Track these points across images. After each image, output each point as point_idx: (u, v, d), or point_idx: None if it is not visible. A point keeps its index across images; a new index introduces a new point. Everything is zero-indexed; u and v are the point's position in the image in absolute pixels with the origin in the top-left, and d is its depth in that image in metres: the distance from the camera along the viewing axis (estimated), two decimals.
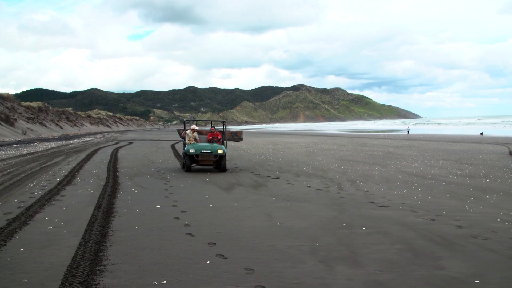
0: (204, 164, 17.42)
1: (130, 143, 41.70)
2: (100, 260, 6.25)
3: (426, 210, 9.95)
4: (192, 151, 17.07)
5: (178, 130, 21.04)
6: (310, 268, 6.05)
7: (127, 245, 7.04)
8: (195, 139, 18.56)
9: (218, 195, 11.84)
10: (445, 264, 6.26)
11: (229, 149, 29.10)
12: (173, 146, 35.14)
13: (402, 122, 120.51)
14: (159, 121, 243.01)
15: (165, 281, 5.47)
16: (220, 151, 17.14)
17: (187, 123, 19.81)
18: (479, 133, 59.34)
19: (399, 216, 9.38)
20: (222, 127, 19.92)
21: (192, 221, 8.74)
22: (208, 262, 6.24)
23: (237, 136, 21.07)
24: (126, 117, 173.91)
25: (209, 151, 17.10)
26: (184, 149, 18.02)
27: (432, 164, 20.35)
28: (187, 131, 18.74)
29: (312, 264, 6.22)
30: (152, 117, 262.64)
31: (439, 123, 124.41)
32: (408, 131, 70.64)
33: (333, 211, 9.80)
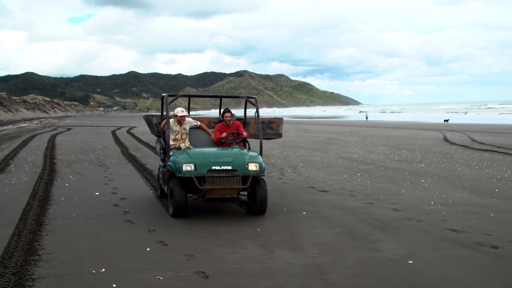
0: (218, 197, 7.90)
1: (69, 129, 40.43)
2: (35, 249, 6.04)
3: (365, 194, 10.22)
4: (188, 168, 7.69)
5: (149, 118, 10.60)
6: (250, 253, 6.09)
7: (64, 234, 6.85)
8: (184, 136, 9.06)
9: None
10: (381, 246, 6.47)
11: None
12: (113, 132, 34.35)
13: (360, 111, 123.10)
14: (99, 107, 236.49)
15: (103, 269, 5.35)
16: (253, 167, 7.99)
17: (170, 100, 8.98)
18: (443, 121, 59.70)
19: (338, 200, 9.60)
20: (243, 115, 10.26)
21: (132, 208, 8.60)
22: (148, 249, 6.16)
23: (271, 129, 10.71)
24: (64, 102, 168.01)
25: (229, 167, 7.83)
26: (163, 161, 9.09)
27: (371, 150, 20.92)
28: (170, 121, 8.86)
29: (253, 249, 6.27)
30: (92, 103, 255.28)
31: (392, 111, 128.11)
32: (366, 118, 72.39)
33: (274, 196, 9.90)
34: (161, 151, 9.35)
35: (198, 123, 9.38)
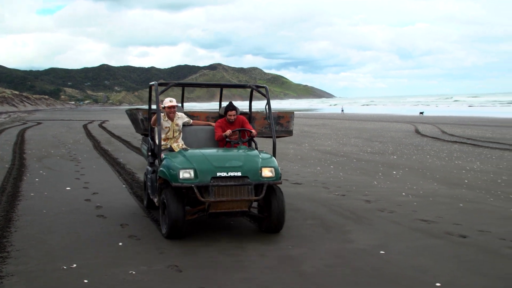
0: (224, 212, 6.35)
1: (39, 123, 39.63)
2: (3, 246, 5.91)
3: (338, 186, 10.31)
4: (187, 175, 6.16)
5: (133, 113, 9.08)
6: (224, 246, 6.09)
7: (33, 230, 6.71)
8: (177, 134, 7.60)
9: (131, 176, 11.56)
10: (353, 237, 6.54)
11: None
12: (85, 126, 33.86)
13: (335, 104, 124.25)
14: (70, 101, 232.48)
15: (75, 265, 5.27)
16: (267, 172, 6.50)
17: (161, 90, 7.41)
18: (419, 113, 60.41)
19: (311, 192, 9.66)
20: (248, 110, 8.93)
21: (104, 203, 8.49)
22: (120, 243, 6.10)
23: (280, 126, 9.40)
24: (34, 96, 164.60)
25: (238, 173, 6.31)
26: (152, 165, 7.83)
27: (344, 142, 21.11)
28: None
29: (226, 242, 6.26)
30: (63, 96, 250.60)
31: (366, 104, 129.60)
32: (342, 110, 73.18)
33: None
34: (149, 153, 7.96)
35: (190, 120, 7.94)
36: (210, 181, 6.11)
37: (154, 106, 7.24)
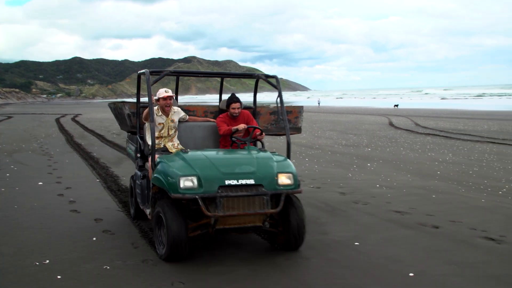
0: (234, 228, 5.31)
1: (9, 117, 38.85)
2: None
3: (313, 179, 10.38)
4: (189, 184, 5.07)
5: (118, 107, 7.38)
6: (200, 239, 6.07)
7: (5, 226, 6.59)
8: (172, 132, 6.62)
9: (105, 170, 11.42)
10: (328, 229, 6.59)
11: None
12: (57, 120, 33.31)
13: (308, 97, 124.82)
14: (42, 94, 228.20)
15: (47, 261, 5.19)
16: (285, 179, 5.47)
17: (154, 79, 6.10)
18: (393, 106, 61.00)
19: None
20: (253, 104, 7.71)
21: (78, 198, 8.37)
22: (94, 238, 6.03)
23: (288, 121, 7.93)
24: (4, 89, 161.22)
25: (251, 180, 5.25)
26: (141, 169, 6.72)
27: (319, 135, 21.24)
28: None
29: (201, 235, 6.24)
30: (34, 90, 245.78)
31: (341, 97, 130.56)
32: (319, 103, 73.74)
33: None
34: (138, 155, 6.78)
35: (187, 116, 6.91)
36: (217, 191, 5.06)
37: (144, 99, 6.35)
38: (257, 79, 7.14)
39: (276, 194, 5.28)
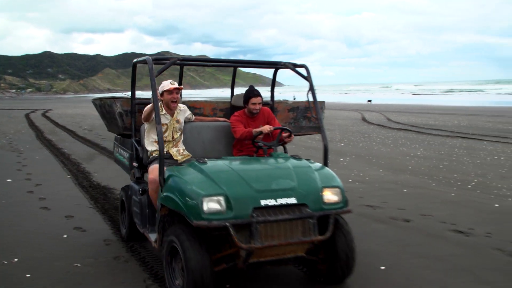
0: (271, 260, 4.03)
1: None
2: None
3: None
4: (215, 207, 3.80)
5: (106, 104, 5.96)
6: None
7: None
8: (178, 136, 5.41)
9: (77, 166, 11.25)
10: None
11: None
12: (27, 116, 32.64)
13: (280, 93, 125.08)
14: (11, 89, 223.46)
15: (16, 259, 5.09)
16: (331, 196, 4.40)
17: (159, 69, 4.75)
18: (366, 101, 61.51)
19: None
20: (270, 99, 6.63)
21: (48, 194, 8.23)
22: (65, 236, 5.94)
23: (307, 120, 7.01)
24: None
25: (291, 198, 4.03)
26: (139, 181, 5.50)
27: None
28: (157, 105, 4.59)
29: None
30: (3, 85, 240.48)
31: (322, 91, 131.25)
32: (294, 98, 73.60)
33: None
34: (135, 164, 5.54)
35: (192, 116, 5.74)
36: (252, 215, 3.84)
37: (142, 93, 5.27)
38: (276, 69, 6.05)
39: (324, 216, 4.16)
